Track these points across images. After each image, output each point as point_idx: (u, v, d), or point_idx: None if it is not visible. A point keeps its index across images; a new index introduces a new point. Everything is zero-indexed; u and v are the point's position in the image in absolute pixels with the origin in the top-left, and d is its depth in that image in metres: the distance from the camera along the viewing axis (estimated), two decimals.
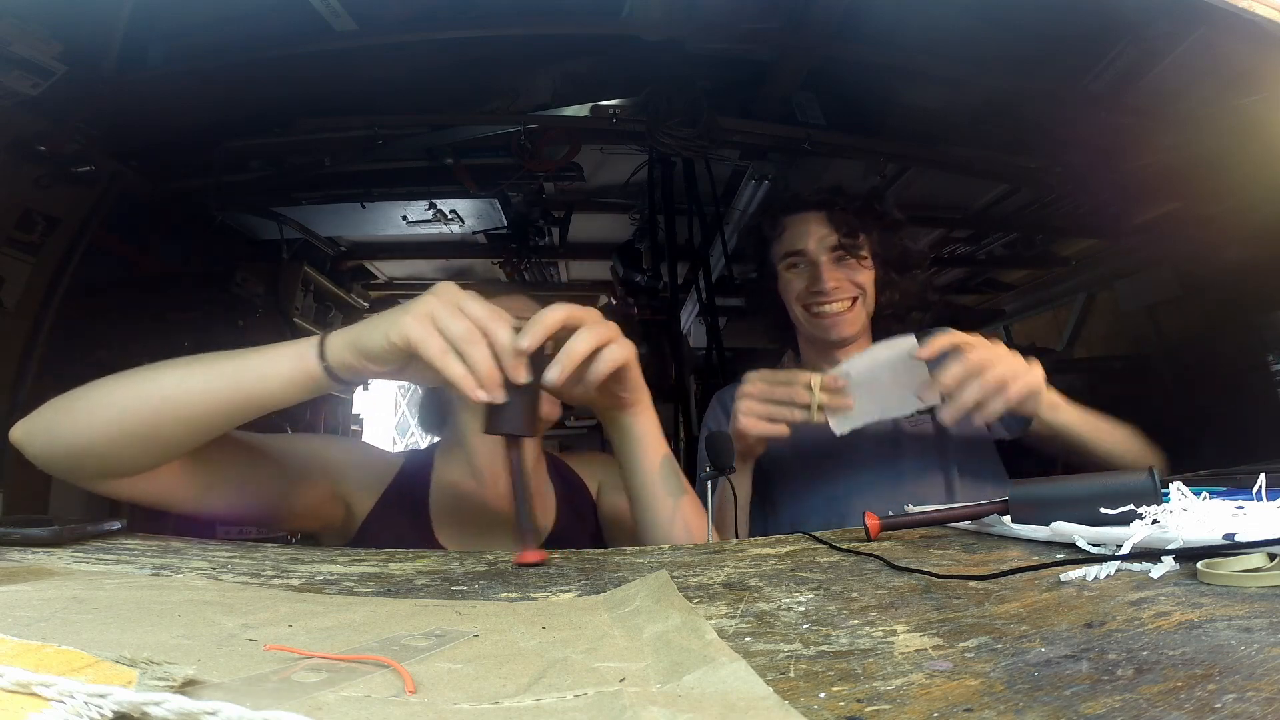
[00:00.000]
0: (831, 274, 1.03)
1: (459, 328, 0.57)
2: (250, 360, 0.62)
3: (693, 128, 1.75)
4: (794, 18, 1.48)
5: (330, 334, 0.62)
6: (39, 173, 1.55)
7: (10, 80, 1.27)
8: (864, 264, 1.06)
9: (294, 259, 2.53)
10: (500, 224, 2.40)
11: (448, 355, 0.56)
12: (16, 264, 1.63)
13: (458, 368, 0.56)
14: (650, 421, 0.75)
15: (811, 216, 1.07)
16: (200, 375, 0.61)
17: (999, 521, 0.60)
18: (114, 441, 0.61)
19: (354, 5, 1.35)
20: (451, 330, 0.57)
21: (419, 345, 0.57)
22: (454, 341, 0.57)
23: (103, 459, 0.63)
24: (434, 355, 0.56)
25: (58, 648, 0.24)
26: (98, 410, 0.61)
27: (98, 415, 0.61)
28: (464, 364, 0.56)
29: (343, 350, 0.60)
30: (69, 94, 1.36)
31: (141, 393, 0.61)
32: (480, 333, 0.57)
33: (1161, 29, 1.33)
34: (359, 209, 2.22)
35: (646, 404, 0.74)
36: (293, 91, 1.65)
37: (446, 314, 0.57)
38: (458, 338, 0.57)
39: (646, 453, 0.74)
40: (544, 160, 1.94)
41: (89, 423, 0.61)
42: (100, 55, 1.37)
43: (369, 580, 0.50)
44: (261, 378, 0.61)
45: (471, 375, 0.56)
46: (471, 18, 1.45)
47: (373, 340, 0.59)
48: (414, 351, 0.57)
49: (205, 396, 0.61)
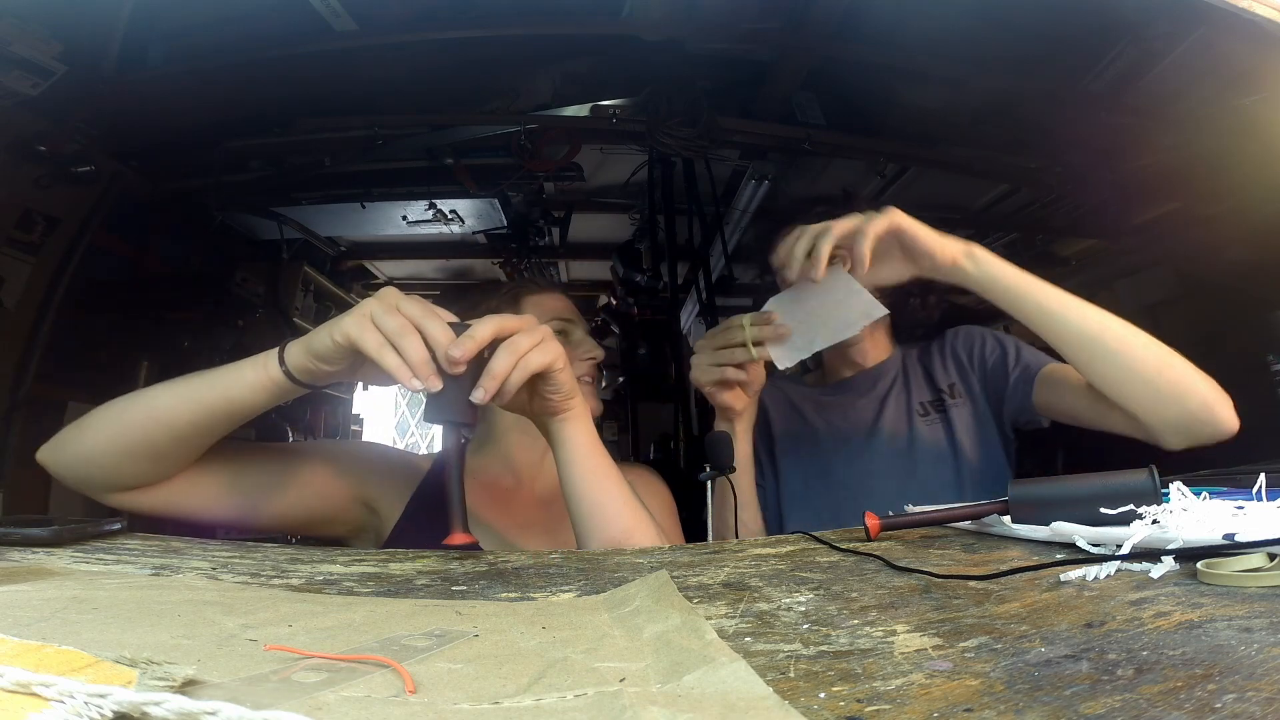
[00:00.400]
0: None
1: (393, 323, 0.61)
2: (222, 372, 0.68)
3: (693, 128, 1.75)
4: (794, 18, 1.48)
5: (290, 342, 0.67)
6: (39, 173, 1.55)
7: (10, 80, 1.27)
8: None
9: (294, 259, 2.53)
10: (500, 224, 2.40)
11: (384, 348, 0.61)
12: (16, 264, 1.63)
13: (392, 359, 0.61)
14: (584, 429, 0.74)
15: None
16: (178, 390, 0.68)
17: (999, 521, 0.60)
18: (114, 455, 0.68)
19: (354, 5, 1.35)
20: (386, 325, 0.61)
21: (358, 341, 0.61)
22: (389, 335, 0.61)
23: (108, 472, 0.70)
24: (371, 349, 0.61)
25: (58, 648, 0.24)
26: (99, 429, 0.69)
27: (99, 433, 0.69)
28: (399, 356, 0.60)
29: (298, 355, 0.66)
30: (69, 94, 1.36)
31: (133, 409, 0.69)
32: (413, 327, 0.61)
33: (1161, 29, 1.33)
34: (359, 209, 2.22)
35: (580, 411, 0.74)
36: (293, 91, 1.65)
37: (382, 311, 0.62)
38: (392, 332, 0.61)
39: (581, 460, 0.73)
40: (544, 160, 1.94)
41: (93, 440, 0.69)
42: (100, 55, 1.37)
43: (369, 580, 0.50)
44: (228, 386, 0.67)
45: (406, 366, 0.60)
46: (471, 18, 1.45)
47: (320, 342, 0.64)
48: (355, 347, 0.62)
49: (181, 409, 0.68)
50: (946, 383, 1.07)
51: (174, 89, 1.50)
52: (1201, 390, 0.81)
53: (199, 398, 0.67)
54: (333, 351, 0.64)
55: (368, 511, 0.88)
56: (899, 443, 1.04)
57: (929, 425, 1.04)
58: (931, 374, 1.09)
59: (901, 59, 1.57)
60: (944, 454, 1.03)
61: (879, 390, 1.09)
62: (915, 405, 1.06)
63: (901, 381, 1.09)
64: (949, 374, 1.08)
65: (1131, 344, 0.82)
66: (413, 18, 1.43)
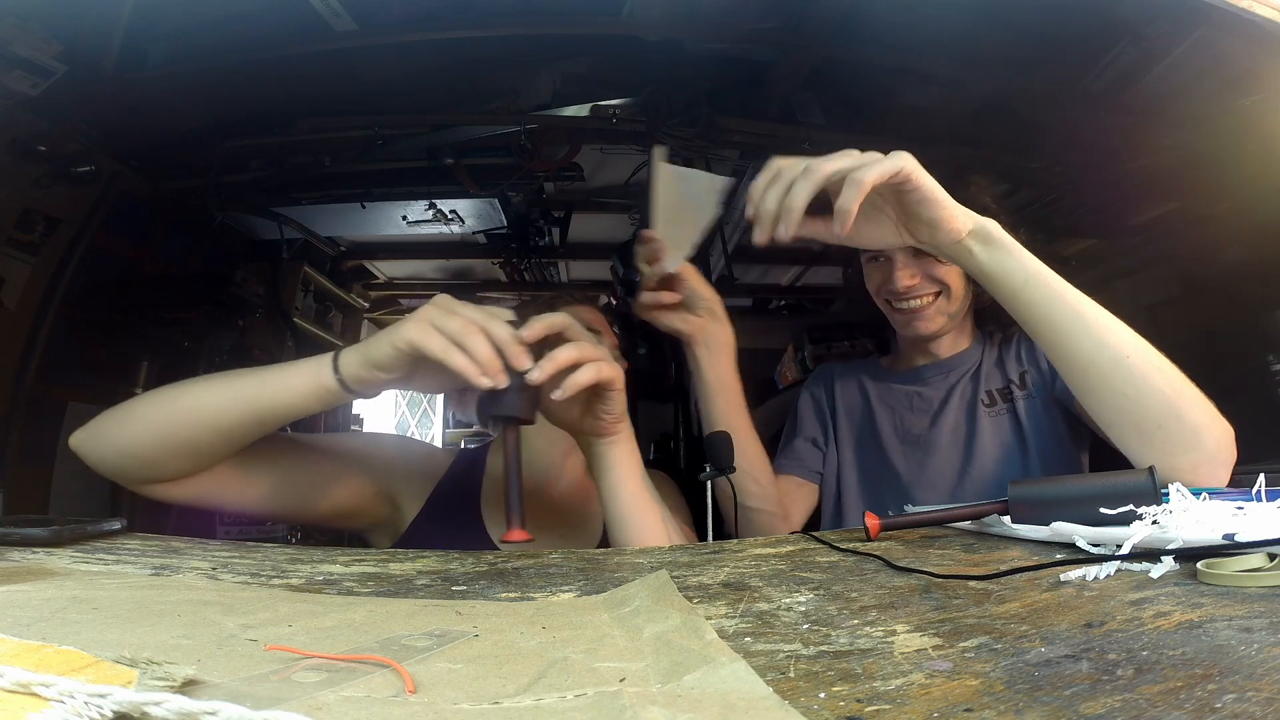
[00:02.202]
0: (906, 270, 0.97)
1: (455, 325, 0.62)
2: (270, 375, 0.68)
3: (693, 128, 1.75)
4: (794, 18, 1.48)
5: (343, 351, 0.68)
6: (39, 173, 1.55)
7: (10, 80, 1.27)
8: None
9: (294, 259, 2.53)
10: (500, 224, 2.40)
11: (450, 349, 0.61)
12: (16, 264, 1.63)
13: (460, 358, 0.61)
14: (630, 453, 0.77)
15: None
16: (226, 390, 0.69)
17: (999, 521, 0.60)
18: (154, 449, 0.69)
19: (354, 5, 1.35)
20: (450, 327, 0.62)
21: (423, 345, 0.62)
22: (454, 337, 0.62)
23: (147, 464, 0.70)
24: (437, 351, 0.61)
25: (58, 648, 0.24)
26: (141, 421, 0.70)
27: (141, 426, 0.69)
28: (465, 355, 0.61)
29: (354, 364, 0.66)
30: (69, 94, 1.36)
31: (177, 405, 0.69)
32: (477, 327, 0.62)
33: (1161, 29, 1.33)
34: (359, 209, 2.22)
35: (628, 435, 0.77)
36: (293, 91, 1.65)
37: (442, 315, 0.63)
38: (457, 333, 0.62)
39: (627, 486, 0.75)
40: (544, 160, 1.94)
41: (133, 432, 0.69)
42: (100, 55, 1.37)
43: (369, 580, 0.50)
44: (279, 390, 0.67)
45: (474, 364, 0.61)
46: (471, 18, 1.44)
47: (380, 350, 0.65)
48: (419, 352, 0.63)
49: (230, 408, 0.68)
50: (1018, 372, 1.01)
51: (174, 89, 1.50)
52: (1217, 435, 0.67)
53: (247, 400, 0.68)
54: (393, 359, 0.64)
55: (390, 506, 0.89)
56: (960, 434, 1.00)
57: (994, 416, 0.99)
58: (1004, 362, 1.03)
59: (901, 59, 1.57)
60: (1010, 446, 0.97)
61: (949, 381, 1.04)
62: (982, 395, 1.01)
63: (974, 371, 1.04)
64: (1022, 362, 1.02)
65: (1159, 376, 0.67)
66: (413, 18, 1.43)
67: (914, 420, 1.05)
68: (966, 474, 0.97)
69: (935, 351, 1.06)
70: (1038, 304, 0.70)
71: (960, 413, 1.02)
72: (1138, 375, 0.67)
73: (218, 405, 0.68)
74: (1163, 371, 0.68)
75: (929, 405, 1.04)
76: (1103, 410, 0.71)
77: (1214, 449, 0.66)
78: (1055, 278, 0.71)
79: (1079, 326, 0.69)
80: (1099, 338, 0.68)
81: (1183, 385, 0.68)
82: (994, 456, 0.97)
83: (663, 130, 1.75)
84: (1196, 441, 0.66)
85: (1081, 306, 0.70)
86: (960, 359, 1.06)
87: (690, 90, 1.75)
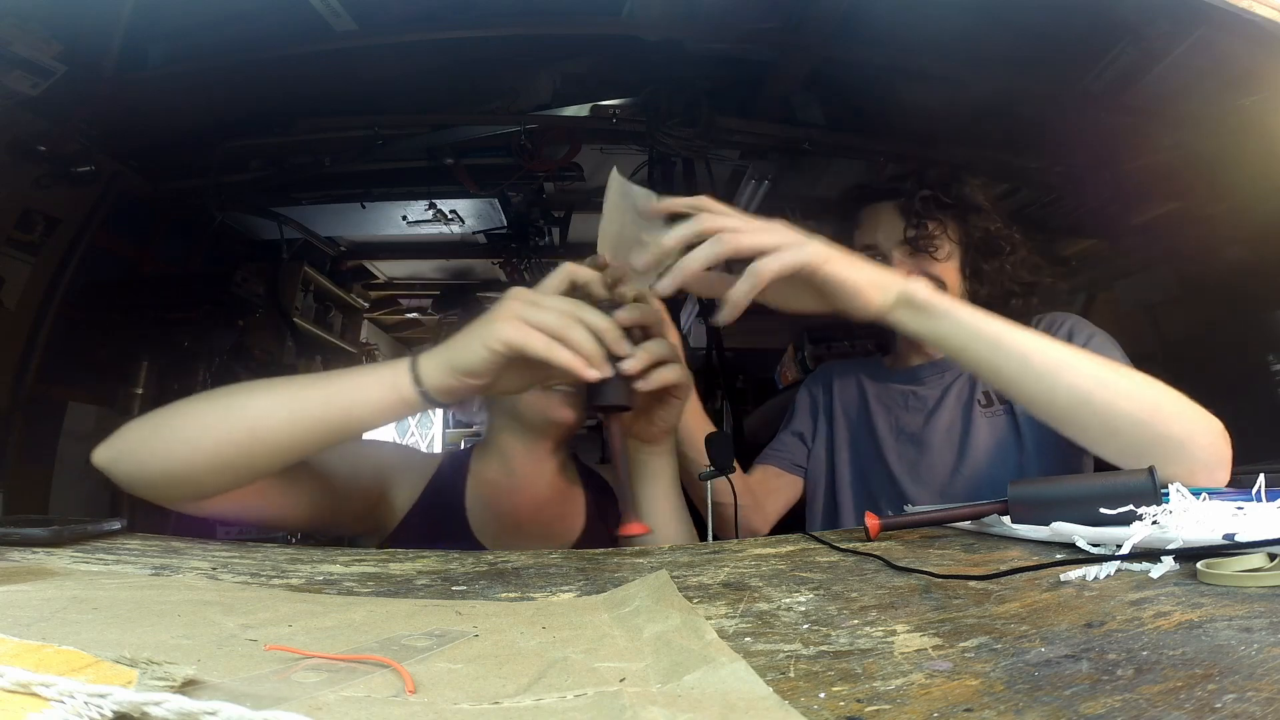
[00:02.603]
0: (902, 267, 0.97)
1: (552, 319, 0.58)
2: (339, 388, 0.62)
3: (693, 128, 1.75)
4: (794, 18, 1.48)
5: (420, 358, 0.62)
6: (39, 173, 1.55)
7: (10, 80, 1.27)
8: (941, 254, 0.99)
9: (294, 259, 2.53)
10: (500, 224, 2.40)
11: (553, 345, 0.58)
12: (16, 264, 1.63)
13: (565, 354, 0.58)
14: (671, 465, 0.77)
15: (883, 207, 1.02)
16: (287, 402, 0.62)
17: (999, 521, 0.60)
18: (204, 467, 0.62)
19: (354, 5, 1.35)
20: (546, 321, 0.58)
21: (523, 344, 0.58)
22: (554, 331, 0.58)
23: (192, 483, 0.64)
24: (540, 349, 0.58)
25: (58, 648, 0.24)
26: (189, 438, 0.62)
27: (189, 443, 0.62)
28: (570, 349, 0.58)
29: (439, 373, 0.60)
30: (69, 94, 1.36)
31: (231, 420, 0.62)
32: (574, 317, 0.59)
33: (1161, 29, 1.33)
34: (359, 209, 2.22)
35: (671, 445, 0.77)
36: (293, 91, 1.65)
37: (534, 309, 0.59)
38: (556, 327, 0.58)
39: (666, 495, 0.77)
40: (544, 160, 1.94)
41: (182, 451, 0.62)
42: (100, 55, 1.37)
43: (369, 580, 0.50)
44: (351, 405, 0.61)
45: (579, 357, 0.58)
46: (471, 18, 1.45)
47: (470, 355, 0.59)
48: (518, 353, 0.58)
49: (293, 425, 0.61)
50: None
51: (174, 89, 1.50)
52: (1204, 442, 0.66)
53: (313, 416, 0.61)
54: (487, 363, 0.59)
55: (386, 509, 0.89)
56: (954, 433, 1.00)
57: (990, 416, 0.99)
58: None
59: (901, 59, 1.57)
60: (1006, 446, 0.97)
61: (945, 380, 1.04)
62: (979, 395, 1.00)
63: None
64: None
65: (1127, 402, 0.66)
66: (413, 18, 1.43)
67: (909, 419, 1.05)
68: (959, 473, 0.98)
69: (931, 352, 1.06)
70: (984, 359, 0.69)
71: (955, 412, 1.01)
72: (1103, 408, 0.66)
73: (276, 424, 0.61)
74: (1131, 397, 0.66)
75: (924, 404, 1.04)
76: (1080, 440, 0.70)
77: (1204, 455, 0.65)
78: (1000, 329, 0.68)
79: (1030, 375, 0.68)
80: (1052, 383, 0.67)
81: (1158, 402, 0.67)
82: (988, 456, 0.97)
83: (663, 130, 1.75)
84: (1183, 453, 0.64)
85: (1031, 355, 0.68)
86: None
87: (690, 90, 1.75)
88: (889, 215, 1.01)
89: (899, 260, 0.99)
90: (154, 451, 0.63)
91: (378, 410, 0.61)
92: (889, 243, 1.01)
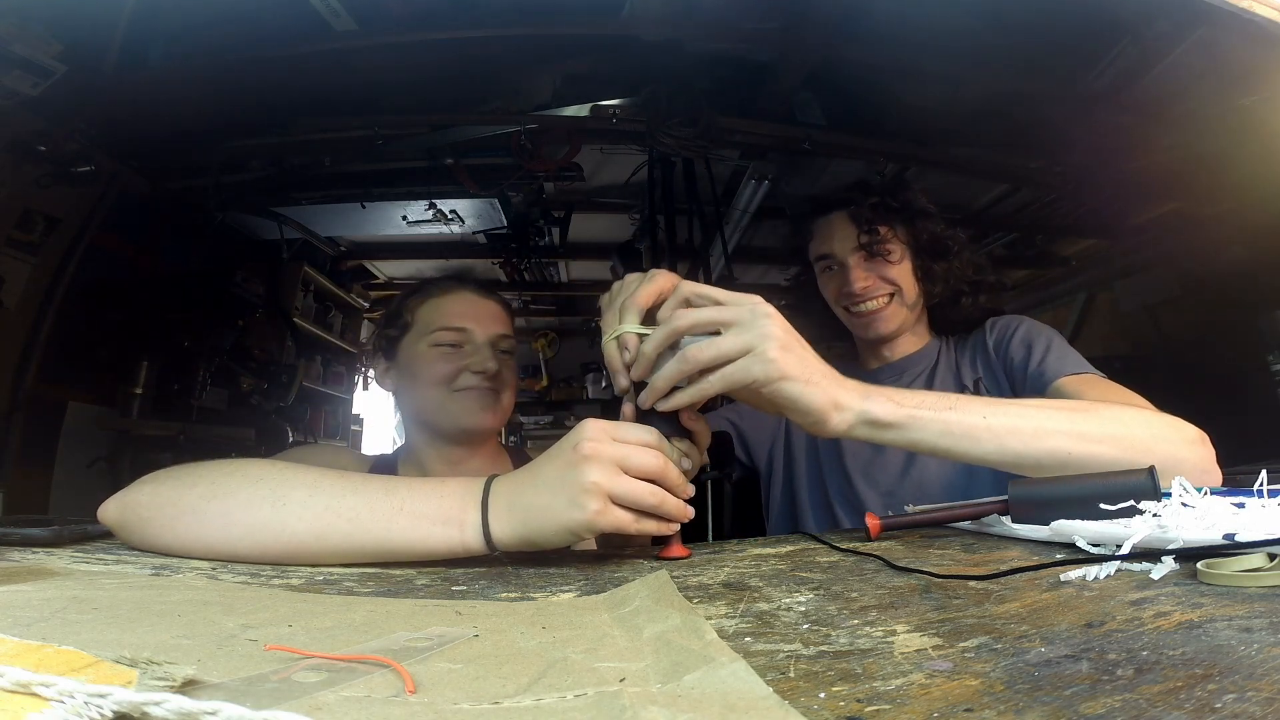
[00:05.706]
0: (860, 274, 1.02)
1: (638, 493, 0.55)
2: (401, 526, 0.56)
3: (693, 128, 1.75)
4: (794, 18, 1.48)
5: (491, 506, 0.57)
6: (39, 173, 1.56)
7: (10, 80, 1.27)
8: (894, 258, 1.03)
9: (294, 259, 2.53)
10: (500, 224, 2.40)
11: (642, 521, 0.55)
12: (16, 264, 1.63)
13: (651, 524, 0.56)
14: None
15: (836, 217, 1.06)
16: (342, 526, 0.56)
17: (999, 521, 0.60)
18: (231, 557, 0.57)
19: (354, 5, 1.35)
20: (634, 497, 0.55)
21: (615, 528, 0.55)
22: (639, 505, 0.55)
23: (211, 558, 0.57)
24: (629, 528, 0.55)
25: (58, 648, 0.24)
26: (220, 529, 0.56)
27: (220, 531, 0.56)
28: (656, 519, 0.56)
29: (511, 538, 0.56)
30: (69, 94, 1.36)
31: (273, 529, 0.56)
32: (652, 488, 0.56)
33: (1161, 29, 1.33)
34: (359, 209, 2.22)
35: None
36: (293, 91, 1.65)
37: (617, 483, 0.55)
38: (642, 503, 0.55)
39: None
40: (544, 160, 1.95)
41: (200, 538, 0.56)
42: (100, 55, 1.37)
43: (369, 580, 0.50)
44: (410, 546, 0.56)
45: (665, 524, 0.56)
46: (471, 18, 1.45)
47: (549, 533, 0.55)
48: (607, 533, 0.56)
49: (340, 553, 0.56)
50: (972, 378, 1.03)
51: (174, 89, 1.50)
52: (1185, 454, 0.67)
53: (363, 551, 0.56)
54: (568, 541, 0.56)
55: None
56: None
57: None
58: (959, 368, 1.05)
59: (901, 59, 1.58)
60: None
61: (901, 382, 1.05)
62: None
63: (928, 375, 1.06)
64: (976, 369, 1.04)
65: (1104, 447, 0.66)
66: (413, 18, 1.43)
67: None
68: (908, 475, 0.99)
69: (888, 355, 1.09)
70: (958, 451, 0.66)
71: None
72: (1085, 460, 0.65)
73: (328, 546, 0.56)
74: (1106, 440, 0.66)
75: None
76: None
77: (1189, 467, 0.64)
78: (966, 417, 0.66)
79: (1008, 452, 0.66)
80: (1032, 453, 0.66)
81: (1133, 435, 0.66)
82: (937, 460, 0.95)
83: (663, 130, 1.75)
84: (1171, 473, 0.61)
85: (1003, 435, 0.66)
86: (913, 360, 1.08)
87: (690, 90, 1.75)
88: (842, 224, 1.05)
89: (855, 263, 1.02)
90: (175, 532, 0.57)
91: (436, 555, 0.57)
92: (844, 250, 1.04)
